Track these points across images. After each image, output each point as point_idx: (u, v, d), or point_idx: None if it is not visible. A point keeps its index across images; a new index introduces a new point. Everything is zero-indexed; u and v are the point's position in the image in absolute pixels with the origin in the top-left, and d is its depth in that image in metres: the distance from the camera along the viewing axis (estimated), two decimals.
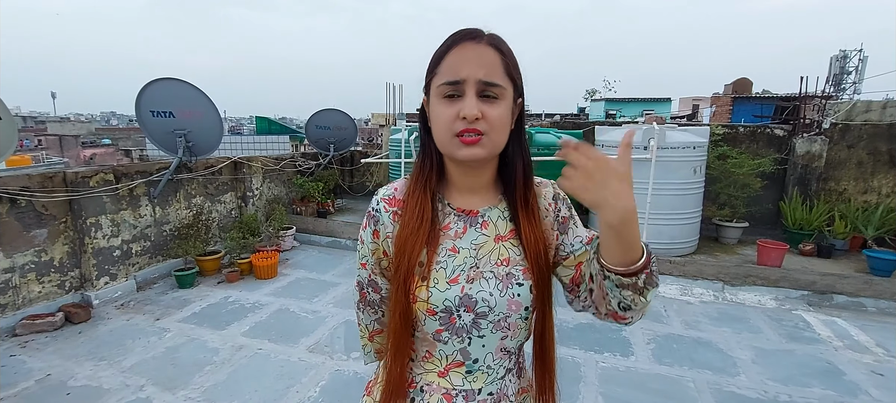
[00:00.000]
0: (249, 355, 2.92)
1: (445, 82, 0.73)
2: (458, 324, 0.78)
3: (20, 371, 2.70)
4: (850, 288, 3.81)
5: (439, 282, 0.78)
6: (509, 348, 0.83)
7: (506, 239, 0.82)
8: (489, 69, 0.73)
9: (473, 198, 0.84)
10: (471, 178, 0.83)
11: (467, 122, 0.72)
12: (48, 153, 19.38)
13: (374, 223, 0.84)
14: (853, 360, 2.95)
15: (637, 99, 21.41)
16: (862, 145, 5.21)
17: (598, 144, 4.96)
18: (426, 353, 0.84)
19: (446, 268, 0.79)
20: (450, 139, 0.74)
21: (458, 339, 0.79)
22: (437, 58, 0.76)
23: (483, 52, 0.73)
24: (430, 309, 0.77)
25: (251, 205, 5.25)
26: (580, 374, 2.74)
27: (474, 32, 0.74)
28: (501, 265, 0.80)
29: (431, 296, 0.77)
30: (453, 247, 0.80)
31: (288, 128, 15.24)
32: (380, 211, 0.83)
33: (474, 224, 0.82)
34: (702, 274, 4.13)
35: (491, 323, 0.78)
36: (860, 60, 14.53)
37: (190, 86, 4.19)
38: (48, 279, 3.43)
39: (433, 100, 0.76)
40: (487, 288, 0.78)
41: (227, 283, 4.14)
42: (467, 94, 0.72)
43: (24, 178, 3.31)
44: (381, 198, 0.84)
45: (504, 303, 0.78)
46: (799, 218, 4.96)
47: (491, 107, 0.73)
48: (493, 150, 0.76)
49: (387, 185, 0.87)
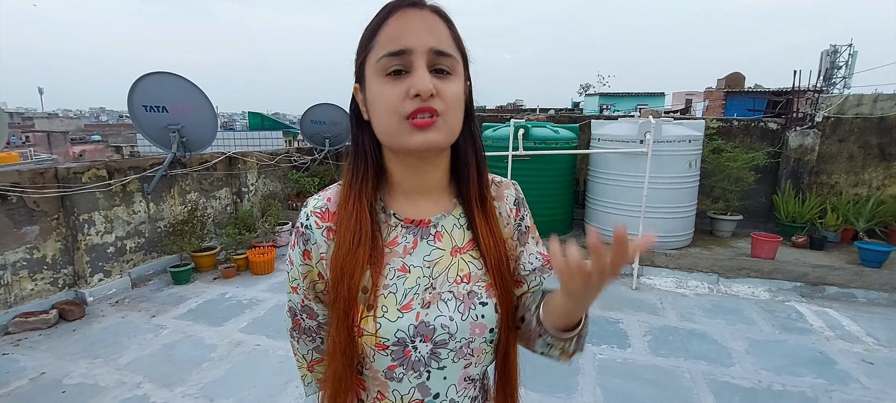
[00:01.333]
0: (247, 351, 2.91)
1: (388, 54, 0.59)
2: (413, 357, 0.66)
3: (13, 370, 2.67)
4: (841, 280, 3.87)
5: (389, 310, 0.65)
6: (474, 376, 0.72)
7: (465, 251, 0.70)
8: (440, 37, 0.61)
9: (423, 204, 0.71)
10: (419, 177, 0.69)
11: (421, 100, 0.58)
12: (36, 150, 19.10)
13: (303, 241, 0.70)
14: (844, 349, 3.00)
15: (631, 93, 21.51)
16: (853, 139, 5.27)
17: (594, 138, 4.97)
18: (378, 394, 0.70)
19: (396, 293, 0.66)
20: (397, 124, 0.60)
21: (415, 374, 0.67)
22: (371, 30, 0.62)
23: (429, 18, 0.61)
24: (379, 344, 0.64)
25: (246, 201, 5.22)
26: (578, 366, 2.76)
27: (415, 0, 0.62)
28: (461, 282, 0.68)
29: (380, 328, 0.64)
30: (403, 266, 0.67)
31: (281, 124, 15.15)
32: (310, 228, 0.69)
33: (426, 236, 0.69)
34: (697, 267, 4.17)
35: (451, 351, 0.67)
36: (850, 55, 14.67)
37: (183, 81, 4.15)
38: (41, 276, 3.39)
39: (371, 79, 0.62)
40: (447, 311, 0.66)
41: (223, 279, 4.12)
42: (417, 66, 0.59)
43: (14, 174, 3.26)
44: (311, 212, 0.70)
45: (466, 328, 0.66)
46: (792, 210, 5.02)
47: (445, 82, 0.61)
48: (450, 136, 0.63)
49: (318, 194, 0.73)
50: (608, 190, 4.76)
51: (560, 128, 5.07)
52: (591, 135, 5.09)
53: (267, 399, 2.44)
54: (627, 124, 4.72)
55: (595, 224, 4.94)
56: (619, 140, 4.59)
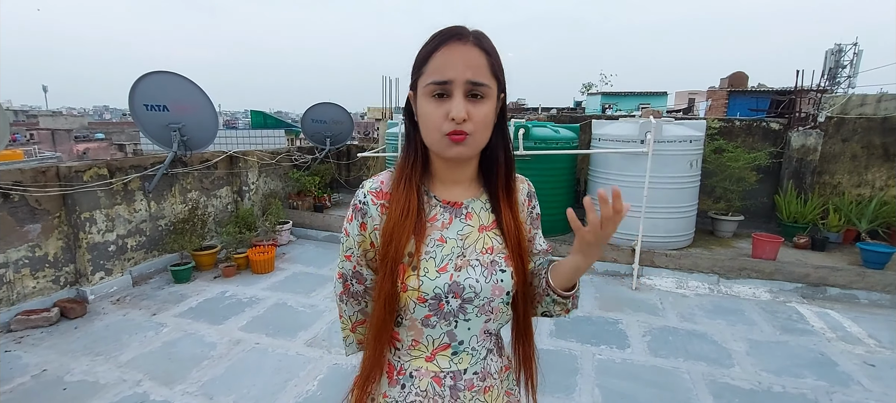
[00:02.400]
0: (247, 349, 2.92)
1: (434, 82, 0.74)
2: (445, 309, 0.82)
3: (16, 367, 2.69)
4: (843, 281, 3.85)
5: (429, 271, 0.81)
6: (491, 330, 0.89)
7: (489, 229, 0.87)
8: (476, 69, 0.75)
9: (457, 190, 0.88)
10: (455, 172, 0.86)
11: (455, 123, 0.74)
12: (40, 147, 19.18)
13: (361, 215, 0.86)
14: (845, 351, 2.99)
15: (633, 92, 21.43)
16: (856, 139, 5.23)
17: (595, 138, 4.96)
18: (412, 341, 0.87)
19: (435, 258, 0.82)
20: (439, 138, 0.76)
21: (445, 323, 0.83)
22: (424, 56, 0.77)
23: (470, 52, 0.75)
24: (420, 297, 0.80)
25: (247, 200, 5.23)
26: (577, 366, 2.76)
27: (461, 32, 0.75)
28: (486, 253, 0.85)
29: (422, 285, 0.80)
30: (441, 238, 0.84)
31: (283, 123, 15.17)
32: (367, 204, 0.85)
33: (459, 215, 0.86)
34: (697, 267, 4.16)
35: (476, 307, 0.83)
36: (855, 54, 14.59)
37: (184, 80, 4.16)
38: (43, 274, 3.41)
39: (421, 97, 0.78)
40: (474, 275, 0.82)
41: (223, 278, 4.13)
42: (455, 96, 0.74)
43: (16, 173, 3.28)
44: (369, 191, 0.86)
45: (489, 289, 0.83)
46: (793, 211, 4.99)
47: (477, 107, 0.75)
48: (477, 148, 0.80)
49: (372, 178, 0.89)
50: (609, 189, 4.74)
51: (561, 128, 5.07)
52: (592, 135, 5.07)
53: (266, 397, 2.45)
54: (628, 124, 4.71)
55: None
56: (620, 140, 4.58)
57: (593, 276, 4.27)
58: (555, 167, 4.92)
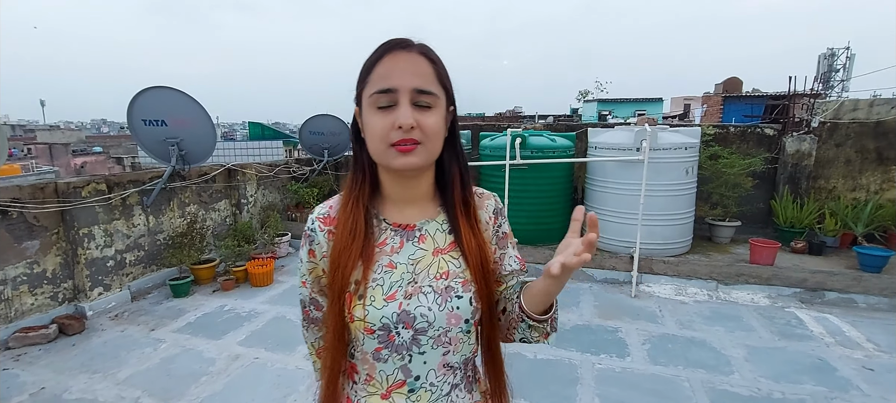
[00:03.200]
0: (246, 364, 2.91)
1: (378, 91, 0.71)
2: (396, 342, 0.76)
3: (13, 385, 2.68)
4: (840, 285, 3.86)
5: (376, 300, 0.76)
6: (453, 363, 0.81)
7: (445, 252, 0.81)
8: (422, 77, 0.72)
9: (410, 211, 0.83)
10: (407, 189, 0.81)
11: (403, 132, 0.71)
12: (38, 162, 19.16)
13: (309, 242, 0.83)
14: (844, 356, 2.99)
15: (629, 99, 21.57)
16: (850, 143, 5.28)
17: (591, 146, 4.99)
18: (367, 376, 0.81)
19: (383, 285, 0.77)
20: (385, 149, 0.73)
21: (398, 356, 0.77)
22: (367, 67, 0.74)
23: (415, 60, 0.73)
24: (367, 328, 0.76)
25: (246, 213, 5.23)
26: (577, 376, 2.76)
27: (404, 42, 0.74)
28: (440, 278, 0.79)
29: (368, 314, 0.75)
30: (390, 263, 0.79)
31: (281, 134, 15.21)
32: (315, 231, 0.82)
33: (411, 238, 0.81)
34: (695, 274, 4.17)
35: (431, 338, 0.77)
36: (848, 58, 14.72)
37: (182, 95, 4.18)
38: (41, 291, 3.40)
39: (366, 109, 0.75)
40: (426, 302, 0.77)
41: (222, 292, 4.13)
42: (401, 103, 0.71)
43: (14, 189, 3.28)
44: (317, 217, 0.83)
45: (443, 318, 0.77)
46: (790, 216, 5.02)
47: (425, 115, 0.72)
48: (428, 159, 0.76)
49: (323, 203, 0.85)
50: (606, 197, 4.77)
51: (557, 137, 5.10)
52: (588, 143, 5.11)
53: None
54: (624, 132, 4.74)
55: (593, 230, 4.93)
56: (616, 148, 4.61)
57: (592, 284, 4.28)
58: (552, 175, 4.94)
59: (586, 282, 4.32)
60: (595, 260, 4.41)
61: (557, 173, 5.00)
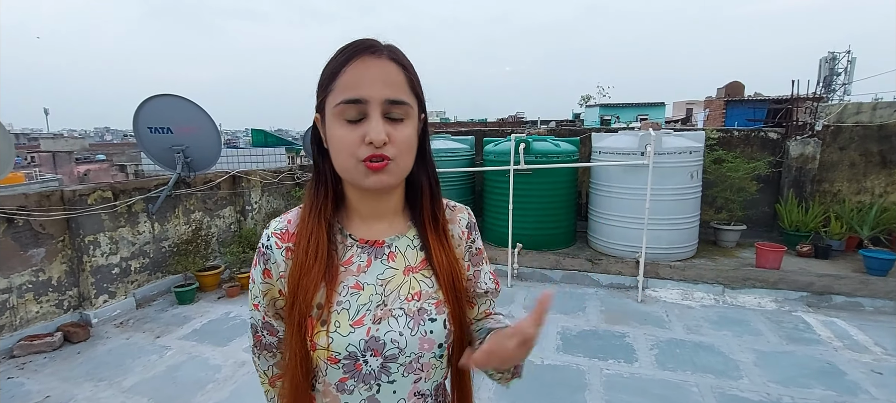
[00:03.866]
0: (252, 371, 2.90)
1: (345, 101, 0.64)
2: (364, 371, 0.69)
3: (18, 394, 2.67)
4: (847, 289, 3.84)
5: (341, 326, 0.68)
6: (424, 391, 0.75)
7: (417, 271, 0.75)
8: (394, 87, 0.65)
9: (379, 226, 0.76)
10: (375, 205, 0.75)
11: (374, 147, 0.64)
12: (41, 170, 19.24)
13: (264, 261, 0.73)
14: (853, 360, 2.97)
15: (631, 104, 21.60)
16: (853, 146, 5.27)
17: (595, 151, 4.99)
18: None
19: (349, 309, 0.69)
20: (354, 165, 0.66)
21: (365, 387, 0.70)
22: (331, 72, 0.66)
23: (385, 67, 0.65)
24: (331, 357, 0.68)
25: (250, 219, 5.24)
26: (585, 382, 2.74)
27: (373, 45, 0.66)
28: (412, 300, 0.72)
29: (332, 342, 0.67)
30: (356, 284, 0.71)
31: (284, 140, 15.27)
32: (271, 248, 0.73)
33: (380, 255, 0.74)
34: (702, 278, 4.15)
35: (401, 365, 0.70)
36: (849, 62, 14.72)
37: (187, 102, 4.19)
38: (46, 298, 3.40)
39: (330, 120, 0.67)
40: (397, 327, 0.70)
41: (227, 298, 4.12)
42: (372, 116, 0.64)
43: (20, 197, 3.29)
44: (272, 233, 0.74)
45: (415, 343, 0.70)
46: (795, 219, 5.00)
47: (397, 128, 0.66)
48: (401, 175, 0.70)
49: (280, 217, 0.77)
50: (610, 202, 4.76)
51: (561, 142, 5.10)
52: (592, 148, 5.10)
53: None
54: (628, 136, 4.74)
55: (597, 236, 4.94)
56: (620, 152, 4.61)
57: (598, 289, 4.27)
58: (556, 181, 4.94)
59: (592, 287, 4.31)
60: (600, 264, 4.40)
61: (561, 178, 4.99)
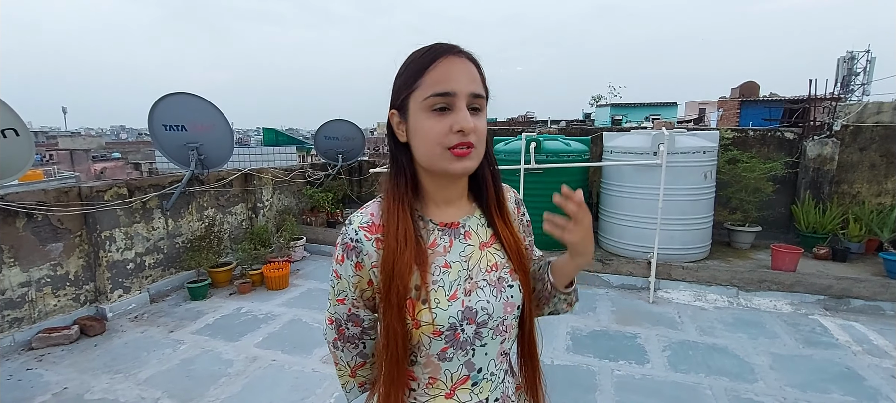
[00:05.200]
0: (263, 366, 2.92)
1: (436, 93, 0.72)
2: (462, 339, 0.78)
3: (37, 385, 2.72)
4: (866, 292, 3.76)
5: (440, 302, 0.76)
6: (507, 349, 0.86)
7: (489, 246, 0.84)
8: (476, 82, 0.75)
9: (451, 210, 0.84)
10: (450, 190, 0.83)
11: (463, 135, 0.72)
12: (59, 167, 19.64)
13: (355, 255, 0.79)
14: (872, 365, 2.91)
15: (643, 104, 21.38)
16: (874, 147, 5.16)
17: (606, 150, 4.95)
18: (429, 379, 0.81)
19: (444, 286, 0.78)
20: (441, 153, 0.73)
21: (463, 353, 0.79)
22: (417, 70, 0.74)
23: (468, 65, 0.74)
24: (436, 331, 0.76)
25: (262, 217, 5.28)
26: (595, 382, 2.72)
27: (454, 46, 0.75)
28: (491, 271, 0.82)
29: (436, 318, 0.75)
30: (445, 263, 0.80)
31: (295, 139, 15.37)
32: (361, 241, 0.79)
33: (458, 235, 0.83)
34: (715, 280, 4.09)
35: (491, 329, 0.80)
36: (868, 61, 14.41)
37: (202, 100, 4.24)
38: (64, 292, 3.47)
39: (417, 113, 0.74)
40: (484, 296, 0.79)
41: (239, 294, 4.16)
42: (459, 108, 0.72)
43: (40, 193, 3.36)
44: (360, 227, 0.80)
45: (500, 308, 0.80)
46: (812, 221, 4.91)
47: (478, 119, 0.75)
48: (479, 160, 0.78)
49: (359, 212, 0.82)
50: (622, 202, 4.72)
51: (572, 141, 5.06)
52: (603, 148, 5.06)
53: None
54: (640, 136, 4.70)
55: (608, 236, 4.89)
56: (632, 152, 4.56)
57: (609, 290, 4.23)
58: (567, 180, 4.86)
59: (603, 288, 4.27)
60: (611, 265, 4.36)
61: (572, 178, 4.96)
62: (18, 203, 3.18)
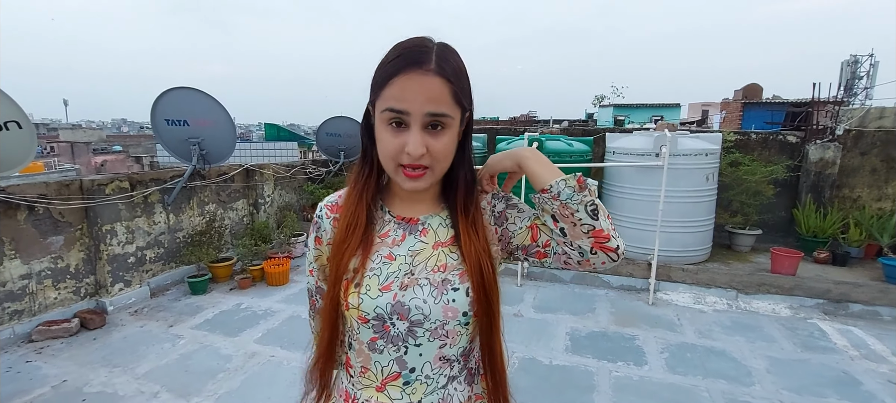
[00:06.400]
0: (262, 362, 2.93)
1: (389, 109, 0.70)
2: (392, 332, 0.77)
3: (36, 377, 2.73)
4: (865, 297, 3.76)
5: (371, 289, 0.76)
6: (450, 356, 0.80)
7: (445, 246, 0.81)
8: (436, 101, 0.69)
9: (416, 206, 0.84)
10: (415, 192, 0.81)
11: (411, 158, 0.70)
12: (60, 160, 19.64)
13: (316, 229, 0.86)
14: (869, 370, 2.91)
15: (645, 104, 21.34)
16: (875, 152, 5.15)
17: (609, 151, 4.95)
18: (362, 368, 0.82)
19: (379, 275, 0.78)
20: (394, 167, 0.74)
21: (394, 348, 0.77)
22: (381, 79, 0.71)
23: (430, 82, 0.68)
24: (361, 317, 0.76)
25: (263, 212, 5.29)
26: (593, 383, 2.72)
27: (420, 58, 0.69)
28: (437, 271, 0.78)
29: (362, 303, 0.76)
30: (389, 255, 0.79)
31: (296, 135, 15.37)
32: (322, 217, 0.85)
33: (414, 231, 0.82)
34: (715, 282, 4.09)
35: (427, 331, 0.76)
36: (871, 65, 14.35)
37: (204, 95, 4.24)
38: (64, 285, 3.48)
39: (378, 121, 0.73)
40: (421, 295, 0.76)
41: (239, 290, 4.17)
42: (412, 129, 0.70)
43: (41, 186, 3.36)
44: (324, 205, 0.85)
45: (439, 310, 0.76)
46: (813, 225, 4.91)
47: (436, 138, 0.71)
48: (436, 180, 0.77)
49: (334, 193, 0.87)
50: (623, 203, 4.71)
51: (574, 141, 5.06)
52: (606, 148, 5.06)
53: None
54: (643, 137, 4.69)
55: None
56: (634, 153, 4.56)
57: (609, 291, 4.23)
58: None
59: (602, 289, 4.27)
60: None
61: None
62: (20, 195, 3.19)
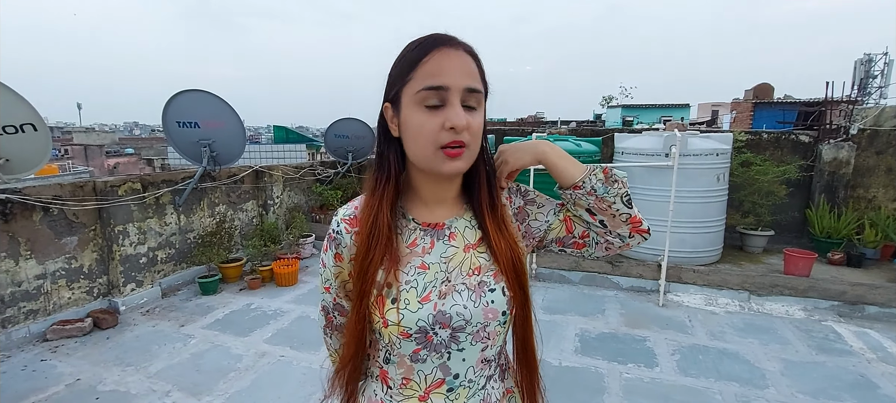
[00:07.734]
0: (272, 362, 2.95)
1: (427, 88, 0.68)
2: (435, 341, 0.74)
3: (51, 376, 2.77)
4: (882, 299, 3.69)
5: (410, 303, 0.73)
6: (490, 357, 0.80)
7: (475, 248, 0.80)
8: (472, 76, 0.70)
9: (439, 210, 0.81)
10: (441, 190, 0.80)
11: (455, 133, 0.68)
12: (74, 162, 19.94)
13: (335, 245, 0.80)
14: (887, 373, 2.85)
15: (654, 105, 21.19)
16: (891, 151, 5.06)
17: (617, 151, 4.91)
18: (403, 380, 0.79)
19: (416, 287, 0.75)
20: (433, 152, 0.70)
21: (437, 355, 0.75)
22: (411, 62, 0.70)
23: (463, 58, 0.70)
24: (403, 332, 0.73)
25: (272, 213, 5.33)
26: (603, 385, 2.70)
27: (450, 38, 0.70)
28: (473, 274, 0.77)
29: (403, 318, 0.73)
30: (422, 264, 0.77)
31: (304, 137, 15.46)
32: (341, 233, 0.79)
33: (441, 237, 0.79)
34: (727, 284, 4.04)
35: (469, 335, 0.75)
36: (886, 64, 14.12)
37: (214, 98, 4.28)
38: (77, 285, 3.52)
39: (409, 107, 0.71)
40: (461, 300, 0.74)
41: (248, 290, 4.20)
42: (452, 103, 0.68)
43: (56, 187, 3.42)
44: (342, 219, 0.80)
45: (480, 313, 0.75)
46: (826, 226, 4.83)
47: (473, 116, 0.70)
48: (472, 161, 0.74)
49: (347, 204, 0.83)
50: (633, 203, 4.67)
51: (582, 142, 5.04)
52: (615, 149, 5.02)
53: None
54: (652, 137, 4.65)
55: None
56: (644, 153, 4.52)
57: (618, 292, 4.20)
58: None
59: (612, 290, 4.24)
60: (621, 267, 4.33)
61: None
62: (35, 196, 3.24)
